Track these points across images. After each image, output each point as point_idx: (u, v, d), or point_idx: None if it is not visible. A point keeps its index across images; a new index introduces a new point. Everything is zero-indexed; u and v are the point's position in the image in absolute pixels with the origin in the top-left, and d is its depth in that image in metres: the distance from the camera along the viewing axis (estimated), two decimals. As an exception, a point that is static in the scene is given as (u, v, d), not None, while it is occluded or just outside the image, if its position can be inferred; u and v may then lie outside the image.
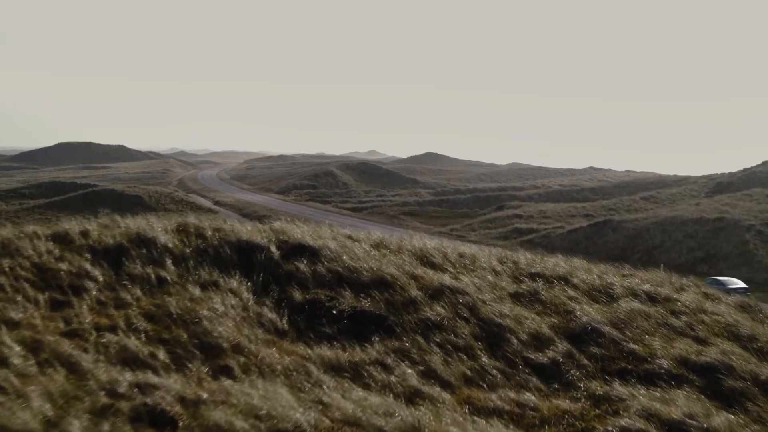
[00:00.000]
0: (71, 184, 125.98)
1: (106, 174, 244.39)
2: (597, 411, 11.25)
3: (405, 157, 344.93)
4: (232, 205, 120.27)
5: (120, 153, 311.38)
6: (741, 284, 47.07)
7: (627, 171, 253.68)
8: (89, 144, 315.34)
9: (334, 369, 11.71)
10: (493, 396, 11.51)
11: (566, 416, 11.04)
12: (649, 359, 13.19)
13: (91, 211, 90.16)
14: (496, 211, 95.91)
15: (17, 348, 9.87)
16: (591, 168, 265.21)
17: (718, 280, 47.04)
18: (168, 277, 13.84)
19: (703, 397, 11.93)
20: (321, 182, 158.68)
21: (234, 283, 14.62)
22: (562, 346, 13.40)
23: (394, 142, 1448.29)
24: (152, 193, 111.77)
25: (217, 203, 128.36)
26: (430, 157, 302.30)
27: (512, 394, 11.62)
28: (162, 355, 10.85)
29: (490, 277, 17.32)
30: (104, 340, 10.90)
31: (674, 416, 10.81)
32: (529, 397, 11.58)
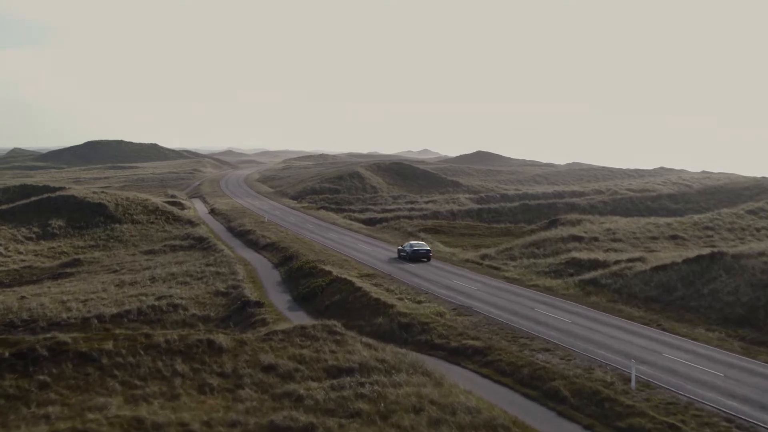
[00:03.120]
0: (43, 188, 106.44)
1: (130, 174, 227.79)
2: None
3: (454, 156, 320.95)
4: (225, 215, 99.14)
5: (152, 152, 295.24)
6: (426, 247, 59.17)
7: (703, 172, 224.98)
8: (120, 142, 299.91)
9: None
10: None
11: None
12: None
13: (40, 221, 65.54)
14: (548, 228, 71.94)
15: None
16: (662, 168, 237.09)
17: (411, 244, 59.21)
18: None
19: None
20: (345, 185, 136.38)
21: None
22: None
23: (451, 141, 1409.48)
24: (121, 200, 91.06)
25: (212, 211, 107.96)
26: (480, 156, 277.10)
27: None
28: None
29: None
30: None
31: None
32: None
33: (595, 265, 50.78)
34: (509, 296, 44.76)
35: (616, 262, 50.11)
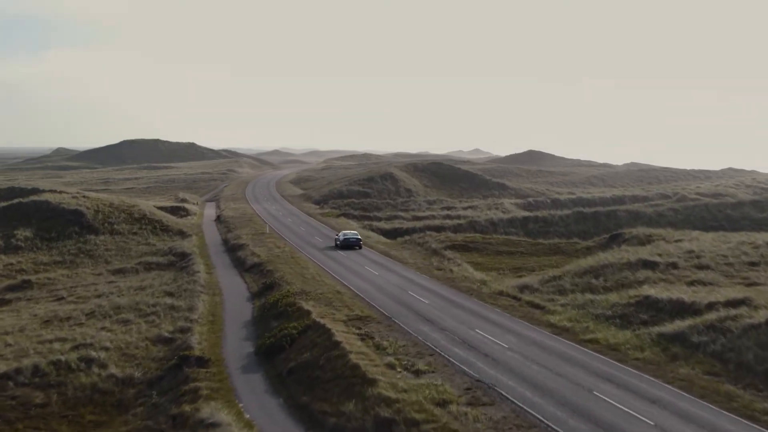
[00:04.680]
0: (31, 191, 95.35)
1: (162, 175, 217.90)
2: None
3: (504, 155, 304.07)
4: (228, 223, 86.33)
5: (189, 151, 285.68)
6: (357, 236, 66.94)
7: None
8: (156, 141, 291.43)
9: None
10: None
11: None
12: None
13: (6, 231, 49.51)
14: (608, 246, 56.94)
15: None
16: (731, 169, 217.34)
17: (345, 233, 67.17)
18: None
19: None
20: (376, 188, 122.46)
21: None
22: None
23: (506, 141, 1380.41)
24: (103, 207, 78.64)
25: (218, 218, 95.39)
26: (531, 156, 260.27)
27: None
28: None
29: None
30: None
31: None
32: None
33: (679, 309, 35.84)
34: (554, 363, 30.17)
35: (711, 306, 35.08)
